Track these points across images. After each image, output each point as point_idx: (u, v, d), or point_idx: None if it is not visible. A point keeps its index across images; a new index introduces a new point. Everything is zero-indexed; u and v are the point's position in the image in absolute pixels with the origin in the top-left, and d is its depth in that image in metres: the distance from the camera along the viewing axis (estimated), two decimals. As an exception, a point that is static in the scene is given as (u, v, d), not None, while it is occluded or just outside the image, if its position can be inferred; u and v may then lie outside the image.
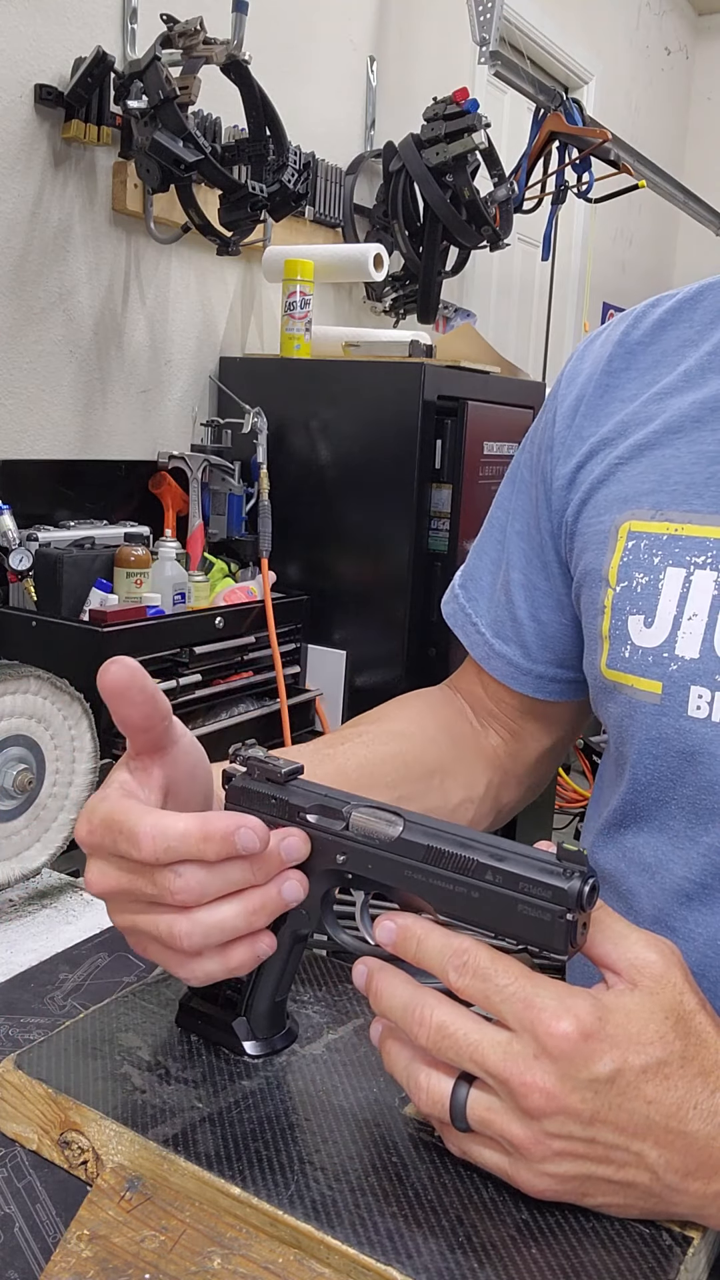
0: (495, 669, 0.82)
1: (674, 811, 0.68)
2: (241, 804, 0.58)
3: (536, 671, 0.81)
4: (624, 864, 0.72)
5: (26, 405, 1.91)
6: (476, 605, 0.84)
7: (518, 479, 0.82)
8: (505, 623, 0.82)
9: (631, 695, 0.68)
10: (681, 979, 0.49)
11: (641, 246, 4.92)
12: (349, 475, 2.11)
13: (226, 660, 1.94)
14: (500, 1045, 0.46)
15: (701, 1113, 0.46)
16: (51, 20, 1.85)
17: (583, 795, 3.36)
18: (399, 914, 0.51)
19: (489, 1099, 0.47)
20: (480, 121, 2.30)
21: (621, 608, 0.69)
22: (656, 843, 0.69)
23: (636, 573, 0.68)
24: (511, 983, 0.46)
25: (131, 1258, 0.46)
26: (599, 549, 0.71)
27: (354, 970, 0.52)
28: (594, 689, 0.74)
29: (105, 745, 1.67)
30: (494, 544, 0.84)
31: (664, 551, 0.67)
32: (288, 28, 2.42)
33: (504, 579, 0.82)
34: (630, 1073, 0.46)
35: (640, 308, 0.78)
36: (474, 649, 0.84)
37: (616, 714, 0.70)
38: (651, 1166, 0.46)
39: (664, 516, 0.68)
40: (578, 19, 3.90)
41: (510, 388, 2.32)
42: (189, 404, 2.27)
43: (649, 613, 0.67)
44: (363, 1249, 0.45)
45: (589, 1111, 0.45)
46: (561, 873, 0.47)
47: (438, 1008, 0.47)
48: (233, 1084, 0.55)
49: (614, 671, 0.69)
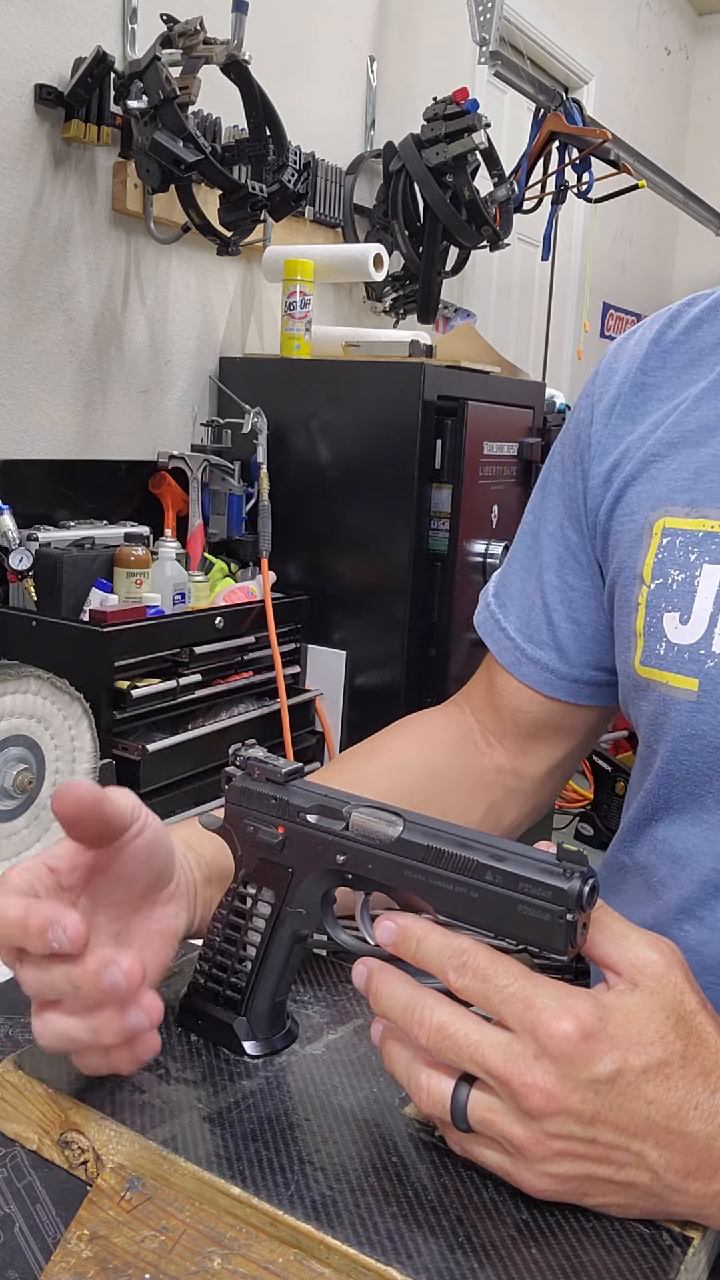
0: (527, 675, 0.81)
1: (709, 804, 0.68)
2: (241, 804, 0.58)
3: (573, 675, 0.80)
4: (654, 856, 0.72)
5: (26, 405, 1.91)
6: (507, 611, 0.83)
7: (549, 483, 0.82)
8: (540, 627, 0.81)
9: (666, 692, 0.68)
10: (682, 978, 0.49)
11: (641, 246, 4.91)
12: (349, 475, 2.11)
13: (226, 660, 1.94)
14: (501, 1045, 0.46)
15: (702, 1113, 0.46)
16: (51, 20, 1.85)
17: (583, 795, 3.36)
18: (398, 914, 0.50)
19: (489, 1099, 0.47)
20: (480, 121, 2.30)
21: (656, 604, 0.69)
22: (689, 834, 0.69)
23: (672, 569, 0.68)
24: (511, 983, 0.46)
25: (131, 1258, 0.46)
26: (633, 546, 0.71)
27: (354, 971, 0.51)
28: (625, 687, 0.74)
29: (105, 745, 1.68)
30: (525, 550, 0.83)
31: (700, 548, 0.67)
32: (288, 28, 2.42)
33: (537, 582, 0.81)
34: (631, 1073, 0.46)
35: (676, 306, 0.78)
36: (502, 655, 0.83)
37: (649, 712, 0.70)
38: (652, 1166, 0.46)
39: (699, 513, 0.68)
40: (578, 19, 3.90)
41: (510, 388, 2.32)
42: (189, 404, 2.27)
43: (685, 609, 0.67)
44: (363, 1249, 0.45)
45: (590, 1112, 0.45)
46: (561, 873, 0.47)
47: (438, 1008, 0.47)
48: (233, 1084, 0.55)
49: (648, 669, 0.69)
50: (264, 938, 0.58)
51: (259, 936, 0.58)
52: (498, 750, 0.84)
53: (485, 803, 0.82)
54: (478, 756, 0.83)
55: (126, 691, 1.69)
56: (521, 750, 0.84)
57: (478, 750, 0.84)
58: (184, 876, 0.60)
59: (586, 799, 3.32)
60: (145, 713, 1.74)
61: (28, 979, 0.52)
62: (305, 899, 0.56)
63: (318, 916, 0.56)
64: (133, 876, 0.56)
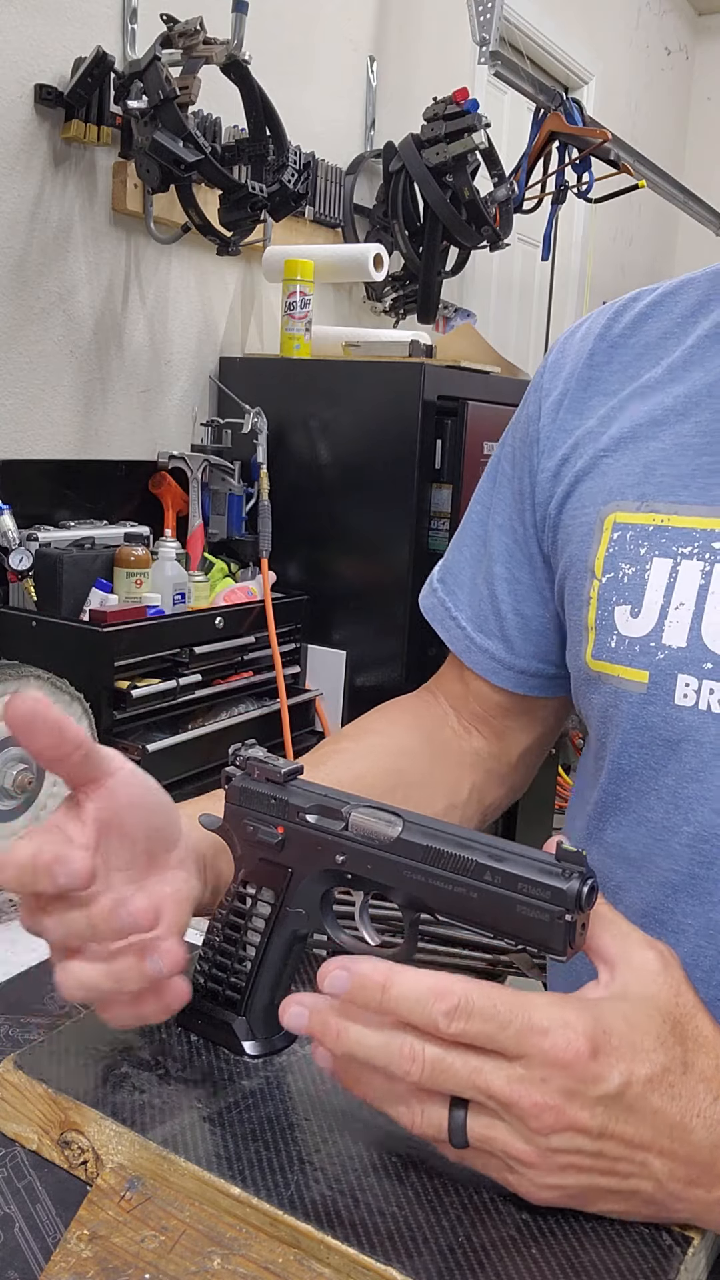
0: (476, 663, 0.82)
1: (653, 803, 0.68)
2: (241, 804, 0.58)
3: (519, 666, 0.81)
4: (610, 860, 0.72)
5: (26, 405, 1.91)
6: (456, 599, 0.84)
7: (499, 473, 0.82)
8: (488, 616, 0.81)
9: (617, 685, 0.68)
10: (680, 979, 0.49)
11: (641, 247, 4.91)
12: (349, 475, 2.11)
13: (226, 660, 1.94)
14: (503, 1068, 0.45)
15: (705, 1121, 0.46)
16: (51, 20, 1.85)
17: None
18: (349, 959, 0.47)
19: (489, 1119, 0.46)
20: (480, 121, 2.30)
21: (608, 598, 0.69)
22: (638, 836, 0.69)
23: (623, 563, 0.68)
24: (511, 1014, 0.44)
25: (131, 1258, 0.46)
26: (584, 541, 0.72)
27: (284, 1012, 0.48)
28: (577, 681, 0.74)
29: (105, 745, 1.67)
30: (474, 538, 0.84)
31: (650, 542, 0.67)
32: (288, 28, 2.42)
33: (486, 572, 0.82)
34: (637, 1084, 0.45)
35: (622, 301, 0.78)
36: (454, 643, 0.83)
37: (600, 704, 0.70)
38: (655, 1175, 0.46)
39: (650, 508, 0.68)
40: (578, 19, 3.90)
41: (510, 388, 2.32)
42: (189, 404, 2.27)
43: (636, 603, 0.67)
44: (363, 1249, 0.45)
45: (597, 1127, 0.45)
46: (560, 873, 0.47)
47: (427, 1044, 0.45)
48: (233, 1084, 0.55)
49: (599, 662, 0.69)
50: (263, 938, 0.58)
51: (258, 936, 0.58)
52: (475, 735, 0.85)
53: (468, 783, 0.82)
54: (456, 739, 0.84)
55: (126, 691, 1.69)
56: (496, 735, 0.85)
57: (455, 734, 0.84)
58: (193, 845, 0.60)
59: (586, 799, 3.32)
60: (145, 713, 1.74)
61: (49, 927, 0.52)
62: (305, 899, 0.56)
63: (317, 916, 0.56)
64: (131, 832, 0.55)
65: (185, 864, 0.58)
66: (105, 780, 0.54)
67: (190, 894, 0.58)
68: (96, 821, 0.54)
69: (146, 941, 0.52)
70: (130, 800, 0.55)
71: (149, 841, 0.56)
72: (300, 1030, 0.48)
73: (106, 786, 0.54)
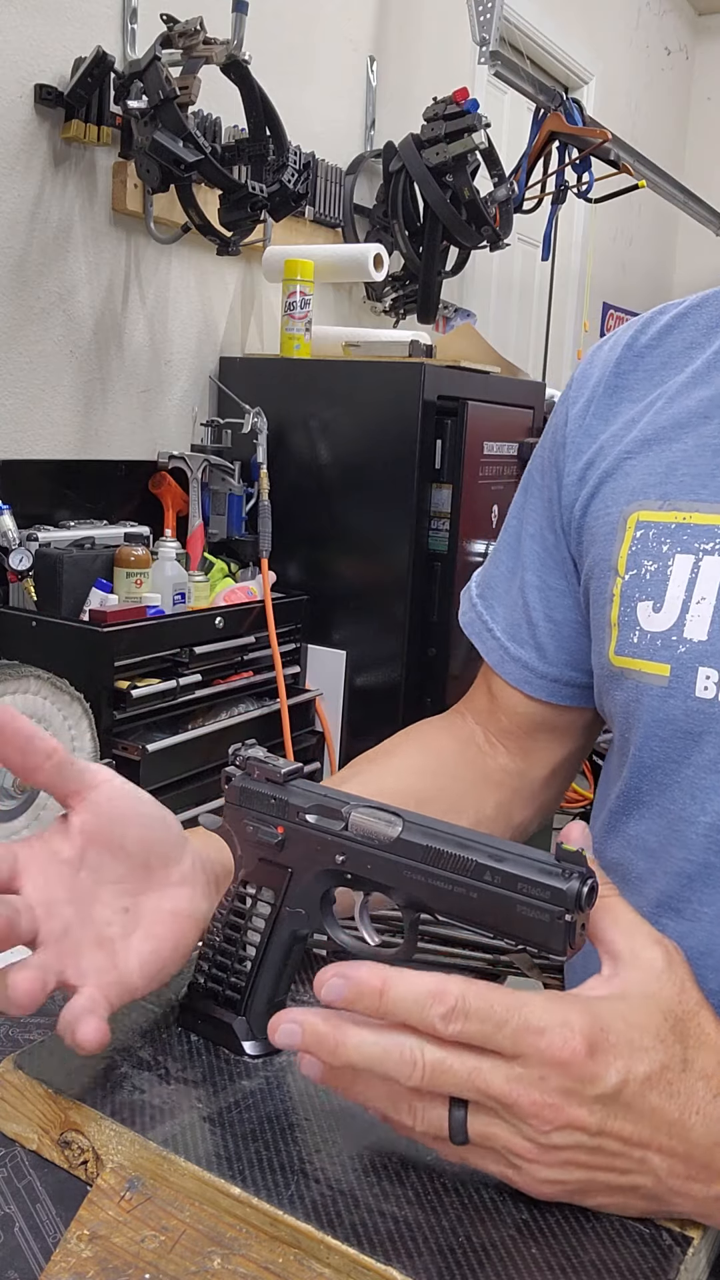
0: (510, 673, 0.82)
1: (675, 795, 0.68)
2: (241, 804, 0.58)
3: (552, 674, 0.81)
4: (630, 852, 0.72)
5: (26, 405, 1.91)
6: (493, 611, 0.85)
7: (530, 485, 0.84)
8: (521, 625, 0.82)
9: (639, 679, 0.69)
10: (684, 978, 0.49)
11: (641, 246, 4.91)
12: (349, 475, 2.11)
13: (226, 660, 1.94)
14: (502, 1068, 0.45)
15: (704, 1118, 0.46)
16: (51, 20, 1.85)
17: (584, 795, 3.35)
18: (346, 965, 0.47)
19: (488, 1117, 0.46)
20: (480, 121, 2.30)
21: (630, 595, 0.70)
22: (658, 828, 0.70)
23: (645, 560, 0.70)
24: (507, 1014, 0.45)
25: (131, 1258, 0.46)
26: (608, 539, 0.73)
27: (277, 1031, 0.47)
28: (600, 680, 0.75)
29: (105, 745, 1.67)
30: (509, 550, 0.85)
31: (672, 539, 0.69)
32: (288, 28, 2.42)
33: (520, 583, 0.83)
34: (635, 1082, 0.45)
35: (648, 315, 0.80)
36: (489, 654, 0.84)
37: (623, 700, 0.71)
38: (655, 1171, 0.46)
39: (672, 506, 0.69)
40: (578, 19, 3.90)
41: (510, 388, 2.32)
42: (189, 404, 2.27)
43: (658, 598, 0.68)
44: (363, 1249, 0.45)
45: (596, 1124, 0.45)
46: (560, 873, 0.47)
47: (426, 1046, 0.45)
48: (233, 1084, 0.55)
49: (622, 657, 0.70)
50: (264, 938, 0.58)
51: (259, 936, 0.58)
52: (501, 752, 0.85)
53: (493, 801, 0.82)
54: (482, 757, 0.84)
55: (126, 691, 1.69)
56: (523, 752, 0.85)
57: (482, 752, 0.84)
58: (204, 865, 0.60)
59: (587, 799, 3.32)
60: (145, 713, 1.75)
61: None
62: (305, 899, 0.56)
63: (317, 917, 0.56)
64: (123, 845, 0.55)
65: (192, 881, 0.58)
66: (87, 793, 0.54)
67: (194, 912, 0.58)
68: (81, 834, 0.54)
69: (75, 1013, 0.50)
70: (118, 813, 0.55)
71: (144, 856, 0.56)
72: (294, 1048, 0.47)
73: (89, 799, 0.54)
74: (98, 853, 0.55)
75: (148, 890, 0.57)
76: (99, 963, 0.53)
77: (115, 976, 0.53)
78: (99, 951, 0.54)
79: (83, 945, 0.53)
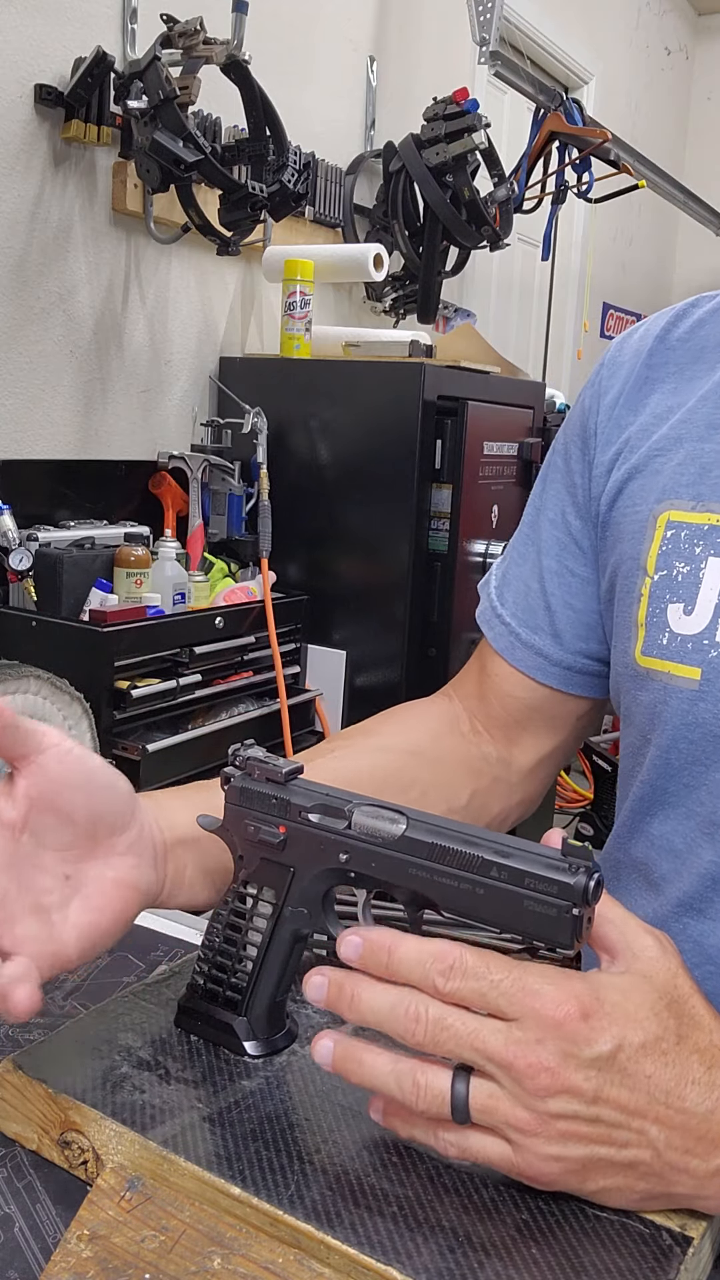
0: (520, 659, 0.81)
1: (703, 797, 0.68)
2: (242, 804, 0.58)
3: (566, 662, 0.80)
4: (653, 852, 0.72)
5: (26, 405, 1.91)
6: (504, 598, 0.84)
7: (551, 471, 0.83)
8: (537, 611, 0.81)
9: (667, 681, 0.69)
10: (677, 965, 0.50)
11: (641, 246, 4.91)
12: (349, 475, 2.11)
13: (226, 660, 1.94)
14: (501, 1030, 0.46)
15: (699, 1088, 0.47)
16: (51, 20, 1.85)
17: (583, 795, 3.35)
18: (361, 928, 0.50)
19: (490, 1085, 0.47)
20: (480, 121, 2.30)
21: (660, 595, 0.69)
22: (685, 828, 0.70)
23: (676, 561, 0.69)
24: (504, 975, 0.47)
25: (131, 1258, 0.46)
26: (635, 538, 0.72)
27: (308, 983, 0.50)
28: (621, 678, 0.74)
29: (105, 745, 1.67)
30: (525, 539, 0.84)
31: (705, 541, 0.68)
32: (288, 28, 2.42)
33: (535, 568, 0.82)
34: (629, 1049, 0.47)
35: (681, 306, 0.79)
36: (497, 640, 0.83)
37: (647, 701, 0.71)
38: (653, 1143, 0.47)
39: (705, 507, 0.69)
40: (578, 19, 3.90)
41: (510, 388, 2.32)
42: (189, 404, 2.27)
43: (689, 600, 0.68)
44: (363, 1249, 0.45)
45: (592, 1090, 0.46)
46: (567, 868, 0.48)
47: (430, 1003, 0.48)
48: (233, 1084, 0.55)
49: (649, 659, 0.70)
50: (265, 938, 0.58)
51: (260, 936, 0.58)
52: (485, 739, 0.84)
53: (470, 789, 0.81)
54: (464, 743, 0.83)
55: (126, 691, 1.69)
56: (509, 740, 0.84)
57: (465, 738, 0.84)
58: (150, 833, 0.59)
59: (586, 799, 3.32)
60: (145, 713, 1.74)
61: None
62: (306, 898, 0.56)
63: (319, 916, 0.56)
64: (69, 812, 0.55)
65: (137, 851, 0.58)
66: (36, 756, 0.54)
67: (138, 882, 0.57)
68: (26, 798, 0.54)
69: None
70: (66, 778, 0.54)
71: (90, 823, 0.56)
72: (320, 1000, 0.50)
73: (37, 763, 0.54)
74: (42, 818, 0.54)
75: (92, 858, 0.56)
76: (34, 931, 0.53)
77: (51, 947, 0.53)
78: (35, 919, 0.53)
79: (19, 913, 0.53)
